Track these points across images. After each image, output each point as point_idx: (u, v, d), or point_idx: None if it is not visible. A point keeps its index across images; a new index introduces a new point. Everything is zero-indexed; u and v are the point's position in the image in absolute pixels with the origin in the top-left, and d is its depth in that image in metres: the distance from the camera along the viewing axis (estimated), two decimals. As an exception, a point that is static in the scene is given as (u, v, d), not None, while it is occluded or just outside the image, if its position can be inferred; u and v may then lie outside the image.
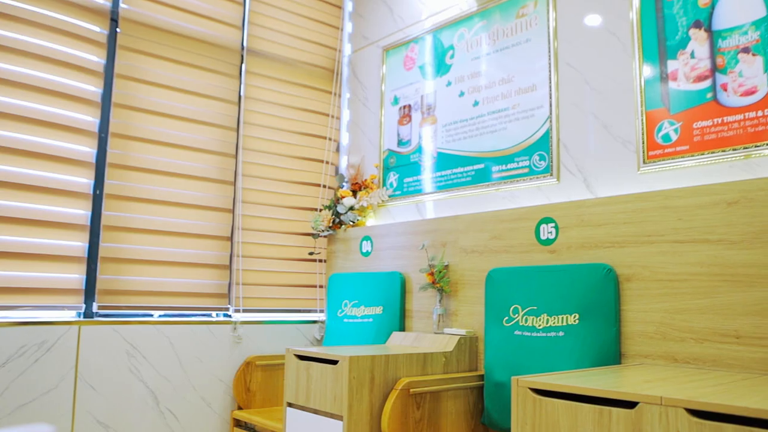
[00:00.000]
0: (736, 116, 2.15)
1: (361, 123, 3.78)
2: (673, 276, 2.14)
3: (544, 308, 2.43)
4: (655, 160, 2.34)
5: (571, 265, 2.40)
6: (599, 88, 2.57)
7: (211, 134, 3.28)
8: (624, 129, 2.47)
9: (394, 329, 3.05)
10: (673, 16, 2.36)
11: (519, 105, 2.87)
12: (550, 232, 2.54)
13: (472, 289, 2.81)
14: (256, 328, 3.29)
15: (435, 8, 3.40)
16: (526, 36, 2.89)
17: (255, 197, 3.44)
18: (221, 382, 3.12)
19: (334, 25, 3.93)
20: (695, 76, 2.27)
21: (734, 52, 2.18)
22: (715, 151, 2.19)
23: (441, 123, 3.23)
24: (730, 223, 2.02)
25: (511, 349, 2.49)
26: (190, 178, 3.18)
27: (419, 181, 3.31)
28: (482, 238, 2.80)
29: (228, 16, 3.41)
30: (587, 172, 2.57)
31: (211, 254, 3.22)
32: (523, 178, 2.80)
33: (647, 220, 2.23)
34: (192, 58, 3.25)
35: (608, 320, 2.25)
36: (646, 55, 2.42)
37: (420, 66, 3.41)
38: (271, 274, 3.46)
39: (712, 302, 2.03)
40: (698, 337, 2.05)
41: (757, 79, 2.11)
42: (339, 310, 3.33)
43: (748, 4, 2.17)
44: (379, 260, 3.31)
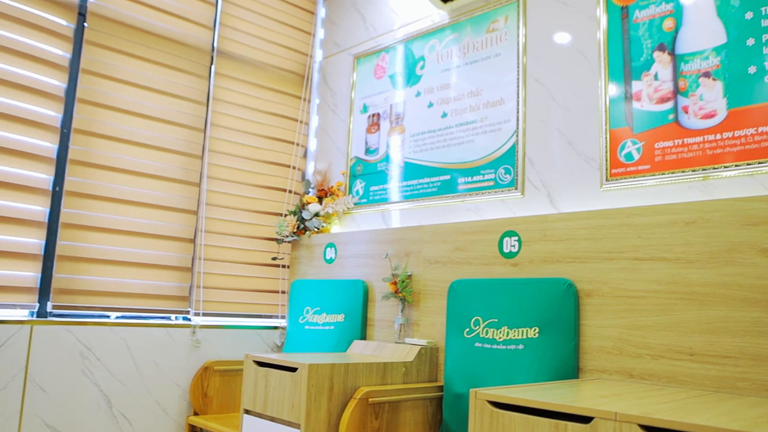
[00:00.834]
0: (696, 138, 2.20)
1: (329, 129, 3.78)
2: (631, 293, 2.17)
3: (505, 321, 2.44)
4: (618, 178, 2.39)
5: (533, 279, 2.42)
6: (566, 104, 2.61)
7: (177, 134, 3.24)
8: (588, 146, 2.51)
9: (356, 338, 3.04)
10: (638, 38, 2.41)
11: (487, 118, 2.89)
12: (513, 245, 2.56)
13: (434, 300, 2.82)
14: (215, 332, 3.25)
15: (407, 19, 3.41)
16: (496, 50, 2.92)
17: (219, 200, 3.41)
18: (178, 386, 3.07)
19: (306, 30, 3.92)
20: (658, 97, 2.32)
21: (696, 76, 2.24)
22: (676, 171, 2.23)
23: (409, 133, 3.25)
24: (687, 243, 2.06)
25: (471, 360, 2.50)
26: (153, 177, 3.13)
27: (385, 190, 3.31)
28: (446, 249, 2.81)
29: (199, 16, 3.38)
30: (551, 187, 2.60)
31: (173, 256, 3.17)
32: (489, 191, 2.82)
33: (608, 237, 2.27)
34: (160, 56, 3.20)
35: (567, 335, 2.28)
36: (612, 75, 2.47)
37: (390, 75, 3.42)
38: (233, 278, 3.43)
39: (669, 319, 2.07)
40: (654, 353, 2.08)
41: (717, 103, 2.17)
42: (300, 317, 3.30)
43: (709, 30, 2.22)
44: (342, 268, 3.30)
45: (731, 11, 2.18)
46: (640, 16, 2.43)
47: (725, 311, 1.95)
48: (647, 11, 2.41)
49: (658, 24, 2.37)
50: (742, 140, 2.09)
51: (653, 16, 2.39)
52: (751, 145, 2.07)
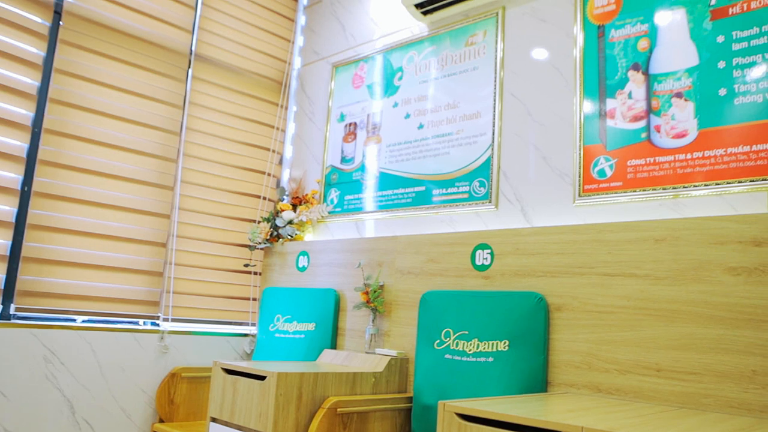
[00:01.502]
0: (667, 157, 2.23)
1: (305, 137, 3.77)
2: (601, 308, 2.19)
3: (476, 333, 2.45)
4: (590, 194, 2.41)
5: (504, 292, 2.43)
6: (541, 120, 2.64)
7: (152, 137, 3.20)
8: (562, 162, 2.53)
9: (326, 347, 3.02)
10: (614, 57, 2.45)
11: (463, 131, 2.91)
12: (486, 258, 2.57)
13: (405, 311, 2.81)
14: (184, 338, 3.21)
15: (387, 29, 3.43)
16: (474, 64, 2.94)
17: (193, 204, 3.37)
18: (144, 393, 3.02)
19: (286, 37, 3.91)
20: (632, 115, 2.36)
21: (668, 96, 2.27)
22: (647, 189, 2.27)
23: (385, 143, 3.25)
24: (656, 260, 2.09)
25: (440, 372, 2.49)
26: (126, 180, 3.09)
27: (360, 200, 3.31)
28: (419, 260, 2.81)
29: (178, 19, 3.36)
30: (525, 201, 2.62)
31: (144, 260, 3.13)
32: (463, 203, 2.83)
33: (579, 252, 2.29)
34: (137, 58, 3.17)
35: (537, 348, 2.29)
36: (587, 92, 2.50)
37: (368, 85, 3.43)
38: (204, 283, 3.39)
39: (637, 335, 2.09)
40: (622, 368, 2.10)
41: (688, 123, 2.20)
42: (271, 325, 3.28)
43: (683, 52, 2.27)
44: (315, 276, 3.28)
45: (704, 34, 2.23)
46: (616, 35, 2.46)
47: (691, 328, 1.97)
48: (623, 31, 2.45)
49: (633, 44, 2.41)
50: (711, 160, 2.13)
51: (629, 36, 2.43)
52: (720, 165, 2.11)
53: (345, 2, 3.74)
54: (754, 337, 1.85)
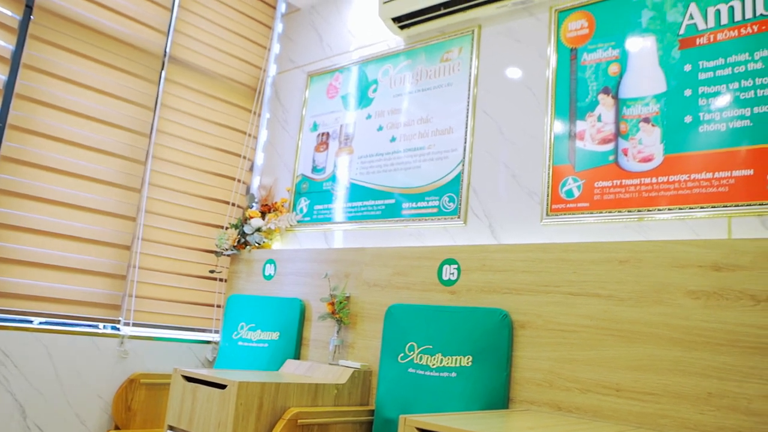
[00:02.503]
0: (633, 180, 2.28)
1: (277, 145, 3.75)
2: (564, 326, 2.22)
3: (440, 348, 2.45)
4: (558, 214, 2.44)
5: (469, 308, 2.44)
6: (512, 138, 2.67)
7: (121, 138, 3.15)
8: (531, 180, 2.56)
9: (289, 357, 3.00)
10: (585, 79, 2.49)
11: (434, 145, 2.93)
12: (452, 273, 2.58)
13: (371, 323, 2.81)
14: (145, 344, 3.15)
15: (363, 41, 3.44)
16: (448, 80, 2.97)
17: (160, 208, 3.33)
18: (100, 398, 2.96)
19: (262, 44, 3.90)
20: (600, 138, 2.40)
21: (636, 120, 2.32)
22: (613, 210, 2.30)
23: (357, 154, 3.25)
24: (619, 281, 2.12)
25: (403, 386, 2.49)
26: (92, 180, 3.04)
27: (329, 210, 3.30)
28: (385, 273, 2.81)
29: (153, 20, 3.32)
30: (493, 218, 2.64)
31: (107, 262, 3.07)
32: (432, 218, 2.84)
33: (545, 271, 2.31)
34: (109, 57, 3.13)
35: (500, 365, 2.30)
36: (558, 113, 2.54)
37: (343, 96, 3.43)
38: (168, 289, 3.34)
39: (598, 355, 2.11)
40: (582, 387, 2.12)
41: (655, 147, 2.25)
42: (234, 333, 3.24)
43: (651, 78, 2.32)
44: (281, 285, 3.26)
45: (672, 62, 2.28)
46: (588, 59, 2.51)
47: (651, 349, 2.00)
48: (595, 55, 2.49)
49: (605, 68, 2.45)
50: (675, 185, 2.17)
51: (600, 60, 2.47)
52: (683, 190, 2.15)
53: (323, 12, 3.75)
54: (710, 359, 1.89)
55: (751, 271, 1.87)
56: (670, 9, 2.33)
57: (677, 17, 2.31)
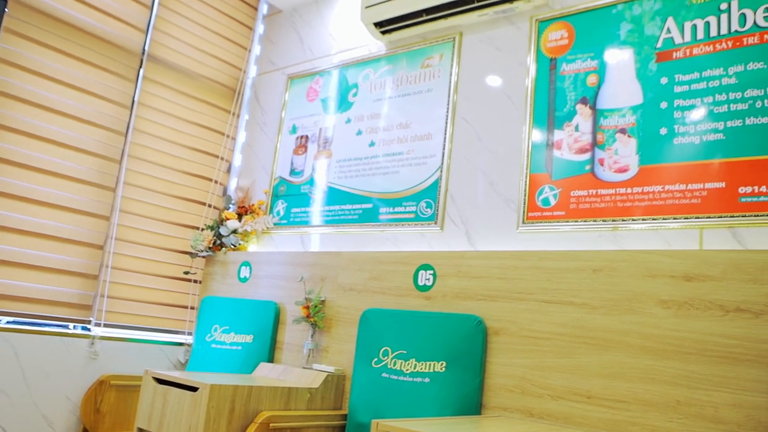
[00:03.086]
0: (609, 190, 2.30)
1: (255, 147, 3.73)
2: (537, 333, 2.23)
3: (414, 353, 2.45)
4: (534, 222, 2.46)
5: (444, 314, 2.45)
6: (490, 145, 2.68)
7: (96, 135, 3.11)
8: (508, 188, 2.58)
9: (263, 360, 2.98)
10: (563, 89, 2.52)
11: (413, 151, 2.93)
12: (428, 278, 2.58)
13: (345, 327, 2.80)
14: (116, 345, 3.11)
15: (345, 45, 3.44)
16: (429, 86, 2.98)
17: (135, 207, 3.29)
18: (68, 400, 2.91)
19: (243, 45, 3.88)
20: (577, 147, 2.42)
21: (613, 131, 2.35)
22: (588, 219, 2.32)
23: (336, 158, 3.25)
24: (593, 289, 2.14)
25: (377, 391, 2.48)
26: (65, 178, 2.99)
27: (307, 213, 3.29)
28: (361, 277, 2.81)
29: (132, 17, 3.29)
30: (470, 225, 2.65)
31: (78, 262, 3.02)
32: (409, 223, 2.84)
33: (520, 278, 2.32)
34: (85, 53, 3.09)
35: (473, 371, 2.31)
36: (536, 122, 2.56)
37: (323, 99, 3.43)
38: (141, 289, 3.30)
39: (570, 362, 2.13)
40: (554, 394, 2.13)
41: (630, 158, 2.28)
42: (208, 335, 3.21)
43: (628, 90, 2.35)
44: (256, 287, 3.24)
45: (648, 75, 2.31)
46: (567, 69, 2.53)
47: (622, 357, 2.02)
48: (574, 65, 2.52)
49: (583, 78, 2.48)
50: (650, 196, 2.20)
51: (579, 71, 2.50)
52: (657, 201, 2.18)
53: (305, 15, 3.74)
54: (680, 368, 1.91)
55: (721, 281, 1.90)
56: (648, 22, 2.37)
57: (655, 31, 2.34)
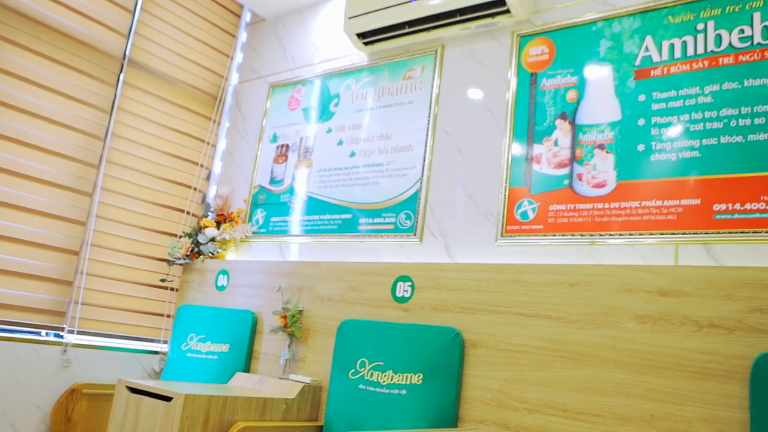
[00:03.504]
0: (587, 205, 2.32)
1: (236, 154, 3.72)
2: (515, 347, 2.24)
3: (391, 365, 2.45)
4: (512, 235, 2.47)
5: (422, 326, 2.45)
6: (470, 158, 2.70)
7: (74, 140, 3.08)
8: (488, 201, 2.59)
9: (239, 369, 2.95)
10: (543, 104, 2.54)
11: (394, 162, 2.94)
12: (406, 290, 2.58)
13: (322, 338, 2.79)
14: (89, 352, 3.06)
15: (327, 55, 3.44)
16: (410, 98, 2.99)
17: (112, 213, 3.25)
18: (38, 409, 2.85)
19: (225, 52, 3.87)
20: (556, 162, 2.44)
21: (591, 146, 2.37)
22: (566, 234, 2.34)
23: (316, 168, 3.24)
24: (570, 303, 2.15)
25: (353, 402, 2.47)
26: (41, 182, 2.95)
27: (286, 222, 3.27)
28: (339, 288, 2.80)
29: (114, 21, 3.27)
30: (449, 237, 2.66)
31: (53, 267, 2.98)
32: (388, 234, 2.85)
33: (498, 291, 2.33)
34: (65, 56, 3.06)
35: (450, 383, 2.31)
36: (516, 136, 2.58)
37: (304, 108, 3.43)
38: (116, 296, 3.26)
39: (546, 375, 2.13)
40: (530, 407, 2.14)
41: (608, 174, 2.30)
42: (184, 344, 3.18)
43: (607, 107, 2.37)
44: (233, 296, 3.21)
45: (627, 92, 2.34)
46: (547, 84, 2.56)
47: (598, 371, 2.03)
48: (554, 80, 2.54)
49: (563, 94, 2.50)
50: (627, 211, 2.22)
51: (559, 86, 2.52)
52: (634, 217, 2.20)
53: (288, 24, 3.75)
54: (654, 383, 1.93)
55: (696, 297, 1.93)
56: (627, 40, 2.40)
57: (633, 48, 2.38)
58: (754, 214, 1.99)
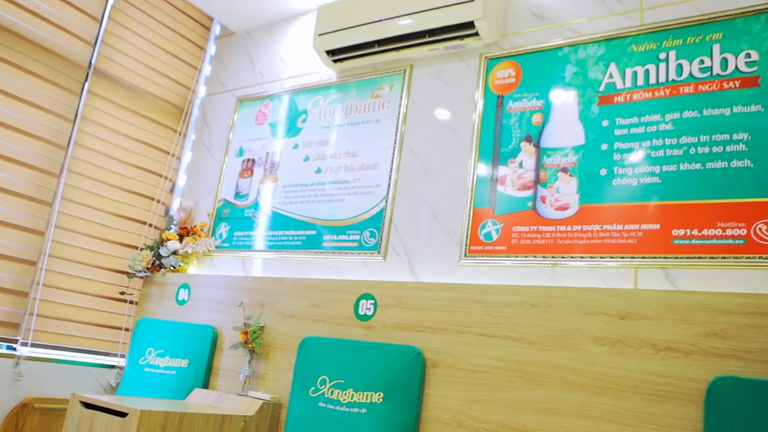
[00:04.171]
0: (549, 227, 2.35)
1: (201, 167, 3.68)
2: (475, 367, 2.24)
3: (351, 383, 2.43)
4: (475, 255, 2.48)
5: (384, 344, 2.44)
6: (436, 178, 2.71)
7: (34, 147, 3.01)
8: (452, 221, 2.60)
9: (198, 385, 2.90)
10: (509, 126, 2.57)
11: (360, 180, 2.94)
12: (369, 308, 2.57)
13: (284, 354, 2.75)
14: (43, 366, 2.97)
15: (296, 71, 3.44)
16: (377, 116, 3.00)
17: (72, 224, 3.18)
18: (-13, 422, 2.77)
19: (193, 65, 3.84)
20: (521, 184, 2.47)
21: (555, 169, 2.40)
22: (528, 255, 2.36)
23: (282, 183, 3.23)
24: (531, 324, 2.17)
25: (312, 420, 2.44)
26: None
27: (250, 237, 3.24)
28: (302, 305, 2.77)
29: (80, 29, 3.22)
30: (412, 256, 2.66)
31: (7, 278, 2.90)
32: (352, 252, 2.84)
33: (460, 311, 2.34)
34: (27, 62, 3.00)
35: (411, 403, 2.29)
36: (482, 157, 2.60)
37: (271, 123, 3.41)
38: (73, 308, 3.18)
39: (506, 396, 2.14)
40: (490, 428, 2.14)
41: (571, 197, 2.33)
42: (142, 358, 3.11)
43: (571, 131, 2.41)
44: (194, 311, 3.16)
45: (591, 116, 2.38)
46: (513, 107, 2.59)
47: (557, 393, 2.05)
48: (520, 104, 2.58)
49: (528, 117, 2.54)
50: (588, 234, 2.26)
51: (524, 109, 2.56)
52: (595, 240, 2.23)
53: (258, 39, 3.74)
54: (612, 405, 1.94)
55: (654, 321, 1.95)
56: (592, 66, 2.45)
57: (598, 75, 2.42)
58: (710, 240, 2.04)
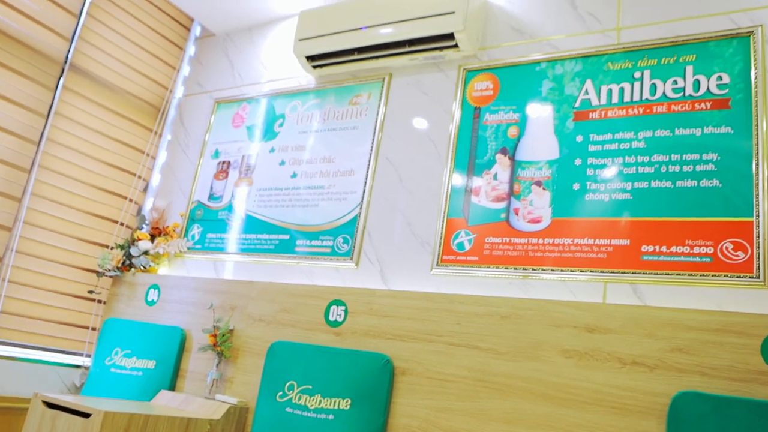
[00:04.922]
0: (522, 239, 2.37)
1: (175, 168, 3.65)
2: (444, 376, 2.24)
3: (319, 389, 2.42)
4: (448, 265, 2.49)
5: (353, 351, 2.43)
6: (411, 187, 2.72)
7: (5, 142, 2.97)
8: (425, 230, 2.61)
9: (164, 387, 2.86)
10: (485, 138, 2.59)
11: (335, 186, 2.94)
12: (339, 314, 2.57)
13: (252, 358, 2.74)
14: (5, 363, 2.92)
15: (275, 75, 3.44)
16: (355, 123, 3.01)
17: (41, 220, 3.13)
18: (-56, 420, 2.70)
19: (172, 64, 3.82)
20: (495, 195, 2.49)
21: (529, 182, 2.43)
22: (500, 266, 2.38)
23: (257, 186, 3.21)
24: (499, 335, 2.18)
25: (279, 425, 2.43)
26: (-34, 183, 2.83)
27: (222, 239, 3.22)
28: (272, 309, 2.76)
29: (57, 23, 3.18)
30: (385, 263, 2.67)
31: (-29, 273, 2.85)
32: (324, 257, 2.83)
33: (430, 319, 2.34)
34: (1, 55, 2.95)
35: (378, 410, 2.29)
36: (457, 167, 2.62)
37: (248, 126, 3.40)
38: (40, 306, 3.12)
39: (473, 406, 2.15)
40: (455, 438, 2.14)
41: (544, 210, 2.36)
42: (108, 358, 3.07)
43: (546, 145, 2.44)
44: (163, 312, 3.13)
45: (565, 132, 2.41)
46: (490, 119, 2.61)
47: (523, 403, 2.06)
48: (496, 116, 2.60)
49: (504, 129, 2.56)
50: (560, 248, 2.28)
51: (501, 122, 2.58)
52: (566, 253, 2.26)
53: (237, 41, 3.73)
54: (577, 417, 1.96)
55: (620, 335, 1.98)
56: (568, 82, 2.48)
57: (574, 91, 2.46)
58: (678, 257, 2.07)
